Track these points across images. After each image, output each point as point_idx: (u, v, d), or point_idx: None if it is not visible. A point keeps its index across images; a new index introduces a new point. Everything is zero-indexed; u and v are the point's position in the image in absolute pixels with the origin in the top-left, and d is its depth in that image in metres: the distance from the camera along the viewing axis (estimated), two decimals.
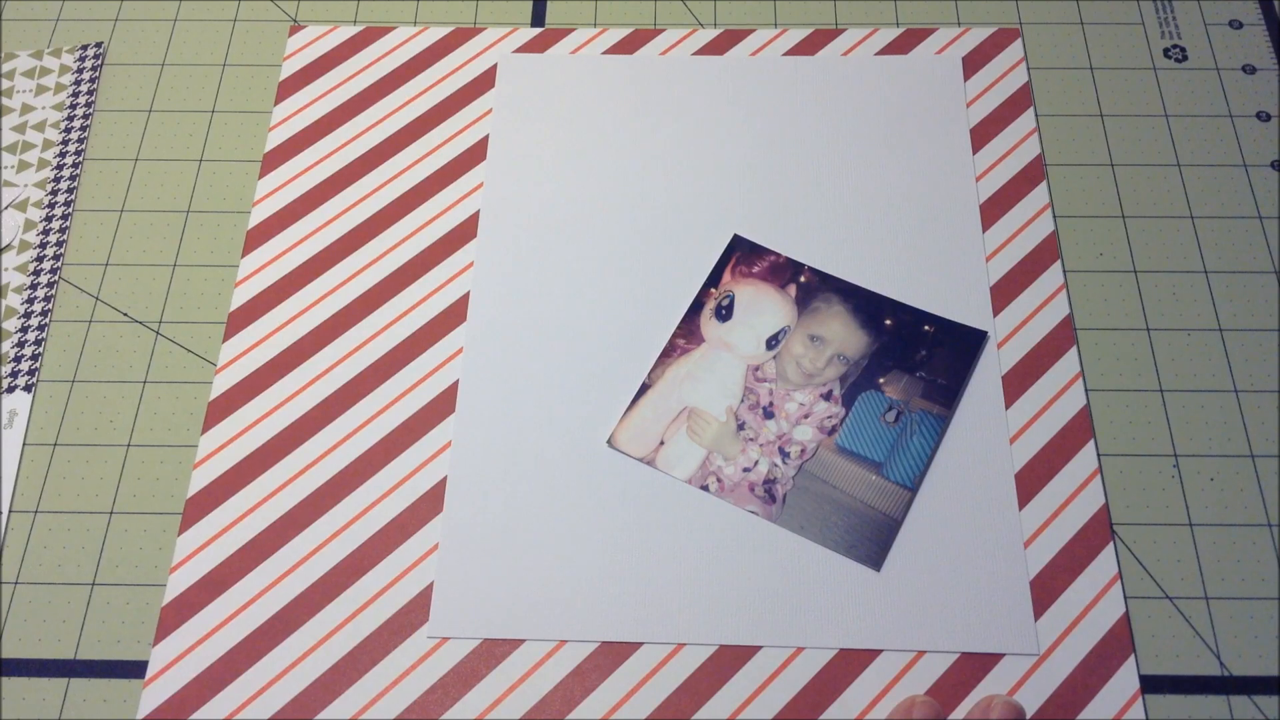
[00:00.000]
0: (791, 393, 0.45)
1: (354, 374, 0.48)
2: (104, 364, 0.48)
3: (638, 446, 0.45)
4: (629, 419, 0.46)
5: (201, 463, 0.46)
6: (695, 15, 0.56)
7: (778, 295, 0.48)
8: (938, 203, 0.51)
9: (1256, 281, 0.49)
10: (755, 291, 0.48)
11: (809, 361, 0.46)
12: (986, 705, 0.38)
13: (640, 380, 0.47)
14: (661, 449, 0.45)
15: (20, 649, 0.43)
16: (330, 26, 0.57)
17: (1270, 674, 0.41)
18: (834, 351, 0.46)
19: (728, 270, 0.49)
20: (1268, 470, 0.45)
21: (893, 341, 0.47)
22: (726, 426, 0.45)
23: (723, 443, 0.45)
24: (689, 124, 0.53)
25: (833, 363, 0.46)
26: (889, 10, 0.56)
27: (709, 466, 0.45)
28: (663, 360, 0.47)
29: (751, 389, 0.46)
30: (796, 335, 0.47)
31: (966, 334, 0.47)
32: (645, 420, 0.46)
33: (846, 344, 0.47)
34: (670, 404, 0.46)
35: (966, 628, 0.42)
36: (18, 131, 0.53)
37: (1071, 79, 0.54)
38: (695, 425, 0.45)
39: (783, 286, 0.48)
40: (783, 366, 0.46)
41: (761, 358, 0.47)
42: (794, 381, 0.46)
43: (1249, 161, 0.52)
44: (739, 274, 0.48)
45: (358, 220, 0.51)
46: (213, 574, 0.43)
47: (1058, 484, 0.45)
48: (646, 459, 0.45)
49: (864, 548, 0.43)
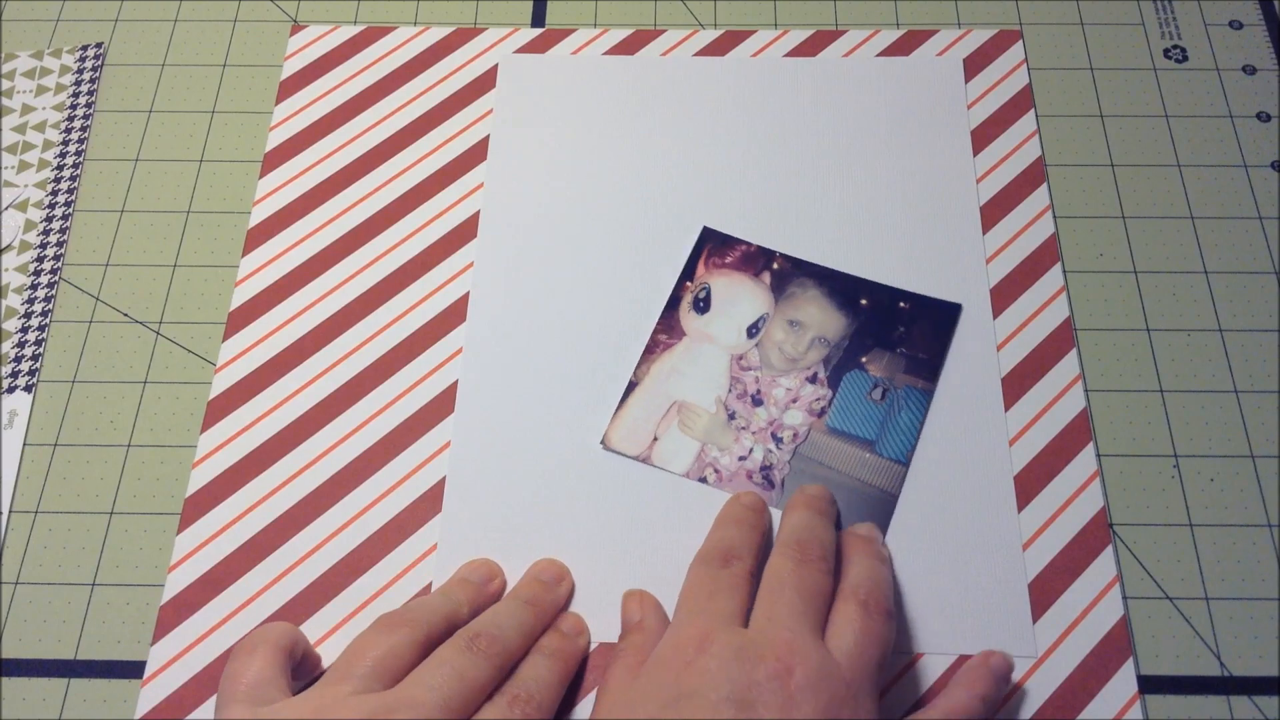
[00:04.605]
0: (777, 378, 0.46)
1: (353, 374, 0.48)
2: (104, 364, 0.48)
3: (632, 445, 0.45)
4: (620, 418, 0.46)
5: (200, 462, 0.46)
6: (696, 16, 0.56)
7: (752, 284, 0.48)
8: (938, 204, 0.51)
9: (1256, 282, 0.49)
10: (730, 282, 0.48)
11: (791, 346, 0.46)
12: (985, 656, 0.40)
13: (628, 379, 0.47)
14: (656, 445, 0.45)
15: (20, 649, 0.43)
16: (331, 26, 0.57)
17: (1270, 674, 0.41)
18: (814, 335, 0.47)
19: (701, 263, 0.49)
20: (1268, 470, 0.45)
21: (870, 321, 0.48)
22: (717, 417, 0.45)
23: (715, 433, 0.45)
24: (690, 125, 0.53)
25: (814, 346, 0.47)
26: (890, 11, 0.56)
27: (705, 458, 0.45)
28: (646, 357, 0.47)
29: (738, 378, 0.46)
30: (776, 322, 0.47)
31: (940, 307, 0.48)
32: (636, 418, 0.46)
33: (825, 326, 0.47)
34: (659, 400, 0.46)
35: (964, 630, 0.42)
36: (18, 132, 0.53)
37: (1071, 80, 0.54)
38: (686, 418, 0.45)
39: (756, 275, 0.48)
40: (766, 353, 0.47)
41: (744, 347, 0.47)
42: (778, 367, 0.46)
43: (1249, 162, 0.52)
44: (712, 265, 0.49)
45: (358, 220, 0.51)
46: (211, 573, 0.43)
47: (1057, 486, 0.45)
48: (642, 456, 0.45)
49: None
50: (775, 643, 0.36)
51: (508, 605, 0.41)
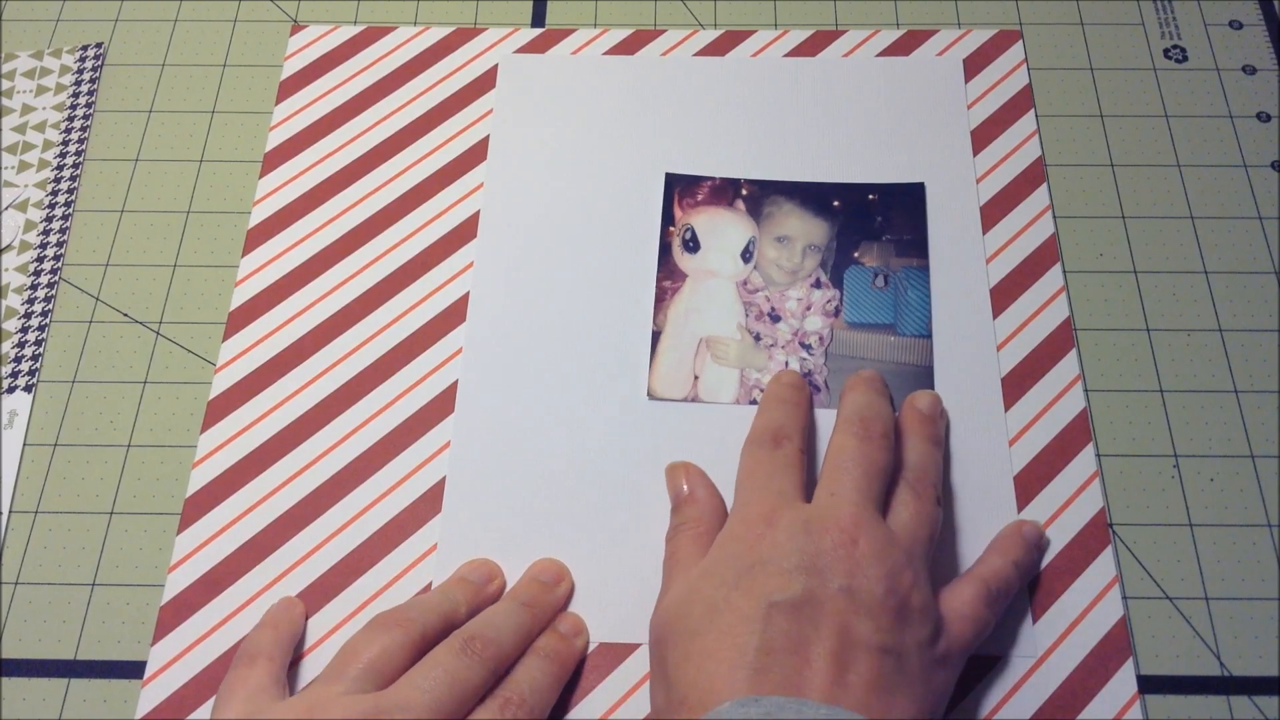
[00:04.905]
0: (785, 292, 0.48)
1: (353, 374, 0.48)
2: (104, 364, 0.48)
3: (676, 388, 0.47)
4: (657, 367, 0.47)
5: (200, 462, 0.46)
6: (696, 16, 0.56)
7: (730, 213, 0.50)
8: (938, 205, 0.51)
9: (1256, 282, 0.49)
10: (709, 216, 0.50)
11: (786, 260, 0.48)
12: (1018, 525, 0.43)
13: (644, 354, 0.47)
14: (698, 383, 0.47)
15: (20, 649, 0.43)
16: (331, 26, 0.57)
17: (1270, 674, 0.41)
18: (803, 244, 0.49)
19: (675, 207, 0.50)
20: (1268, 470, 0.45)
21: (849, 218, 0.50)
22: (745, 342, 0.47)
23: (749, 357, 0.47)
24: (690, 125, 0.53)
25: (807, 254, 0.49)
26: (890, 11, 0.56)
27: (747, 382, 0.46)
28: (659, 305, 0.48)
29: (749, 302, 0.48)
30: (764, 241, 0.49)
31: (906, 189, 0.51)
32: (671, 364, 0.47)
33: (810, 234, 0.49)
34: (687, 340, 0.47)
35: None
36: (18, 132, 0.53)
37: (1071, 80, 0.54)
38: (718, 350, 0.47)
39: (730, 205, 0.50)
40: (766, 272, 0.48)
41: (743, 272, 0.49)
42: (781, 282, 0.48)
43: (1249, 162, 0.52)
44: (686, 207, 0.50)
45: (358, 220, 0.51)
46: (211, 573, 0.43)
47: (1057, 486, 0.45)
48: (689, 397, 0.46)
49: None
50: (840, 516, 0.38)
51: (505, 607, 0.41)
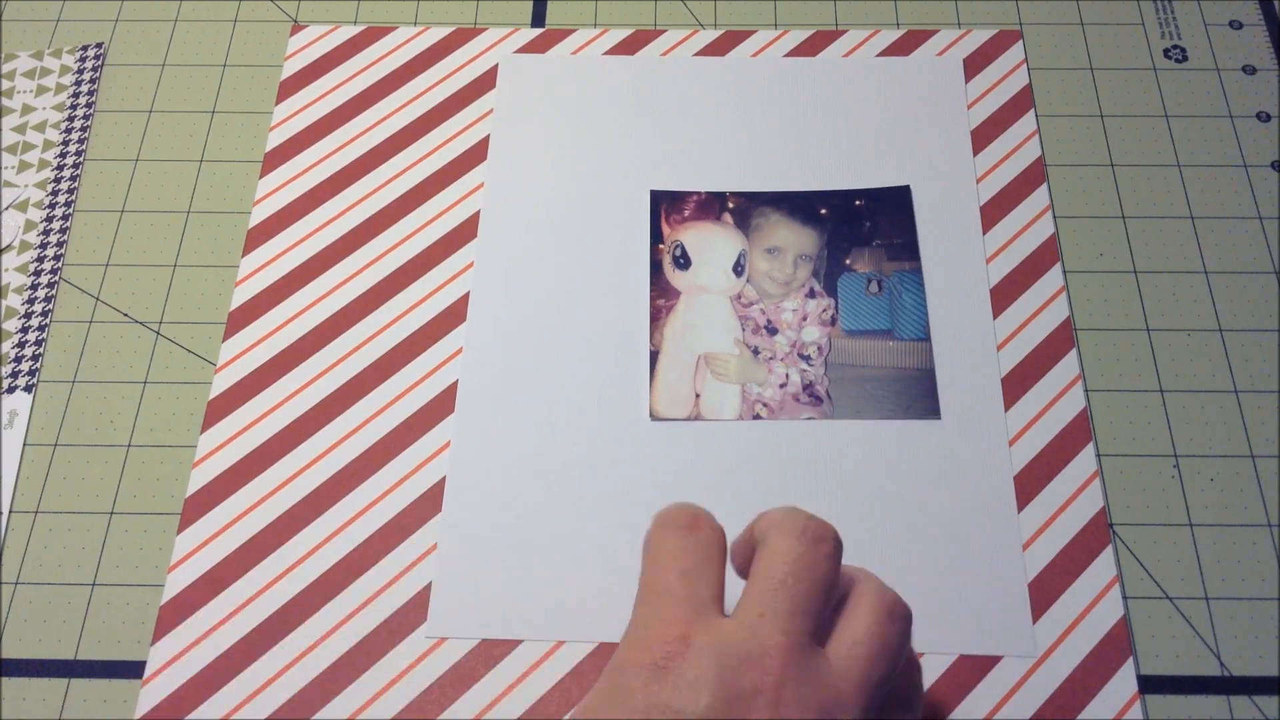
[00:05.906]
0: (780, 304, 0.48)
1: (353, 374, 0.48)
2: (104, 364, 0.48)
3: (678, 408, 0.46)
4: (657, 387, 0.47)
5: (200, 462, 0.46)
6: (696, 16, 0.56)
7: (719, 227, 0.50)
8: (938, 205, 0.51)
9: (1256, 282, 0.49)
10: (698, 232, 0.50)
11: (778, 271, 0.48)
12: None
13: (643, 372, 0.47)
14: (700, 401, 0.46)
15: (20, 649, 0.43)
16: (331, 27, 0.57)
17: (1270, 674, 0.41)
18: (794, 254, 0.49)
19: (663, 223, 0.50)
20: (1268, 470, 0.45)
21: (838, 225, 0.50)
22: (744, 357, 0.47)
23: (749, 371, 0.47)
24: (690, 125, 0.53)
25: (799, 264, 0.48)
26: (890, 11, 0.56)
27: (749, 397, 0.46)
28: (654, 325, 0.48)
29: (745, 315, 0.48)
30: (755, 254, 0.49)
31: (891, 193, 0.50)
32: (671, 383, 0.47)
33: (800, 243, 0.49)
34: (685, 359, 0.47)
35: (964, 630, 0.42)
36: (18, 132, 0.53)
37: (1071, 80, 0.54)
38: (717, 367, 0.47)
39: (717, 219, 0.50)
40: (759, 285, 0.48)
41: (736, 286, 0.48)
42: (775, 294, 0.48)
43: (1249, 162, 0.52)
44: (674, 223, 0.50)
45: (358, 220, 0.51)
46: (211, 573, 0.44)
47: (1057, 486, 0.45)
48: (691, 415, 0.46)
49: (917, 405, 0.46)
50: (766, 650, 0.30)
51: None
